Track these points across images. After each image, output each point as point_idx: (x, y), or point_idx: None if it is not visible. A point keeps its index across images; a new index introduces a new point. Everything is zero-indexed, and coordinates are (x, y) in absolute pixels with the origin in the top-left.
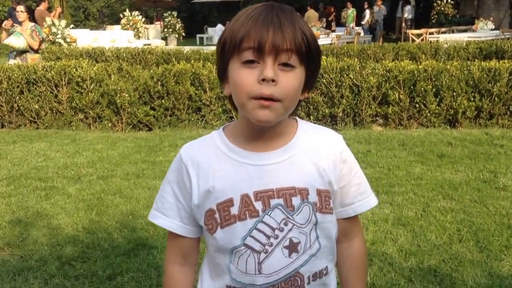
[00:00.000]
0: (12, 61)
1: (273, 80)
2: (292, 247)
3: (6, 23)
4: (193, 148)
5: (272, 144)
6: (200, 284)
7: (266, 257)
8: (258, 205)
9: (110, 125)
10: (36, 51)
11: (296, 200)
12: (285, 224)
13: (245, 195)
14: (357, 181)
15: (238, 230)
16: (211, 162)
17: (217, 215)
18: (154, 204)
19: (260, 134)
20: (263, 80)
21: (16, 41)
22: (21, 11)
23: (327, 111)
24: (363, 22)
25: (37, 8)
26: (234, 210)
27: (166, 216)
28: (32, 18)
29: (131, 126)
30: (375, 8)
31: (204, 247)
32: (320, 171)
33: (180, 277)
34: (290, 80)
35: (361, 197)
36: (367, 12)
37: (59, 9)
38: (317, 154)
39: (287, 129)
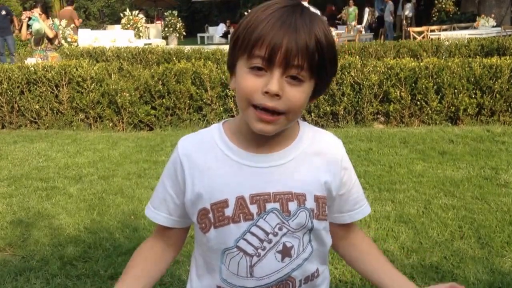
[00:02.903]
0: (30, 60)
1: (277, 95)
2: (285, 252)
3: (24, 15)
4: (190, 143)
5: (273, 145)
6: (190, 284)
7: (258, 260)
8: (253, 208)
9: (111, 125)
10: (51, 44)
11: (292, 206)
12: (280, 229)
13: (240, 198)
14: (356, 189)
15: (232, 232)
16: (208, 160)
17: (210, 215)
18: (150, 198)
19: (260, 135)
20: (267, 92)
21: (37, 24)
22: (39, 14)
23: (328, 109)
24: (363, 24)
25: (66, 8)
26: (228, 212)
27: (154, 208)
28: (47, 16)
29: (132, 125)
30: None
31: (191, 247)
32: (320, 177)
33: (148, 253)
34: (297, 94)
35: (359, 205)
36: (366, 11)
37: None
38: (317, 159)
39: (288, 131)
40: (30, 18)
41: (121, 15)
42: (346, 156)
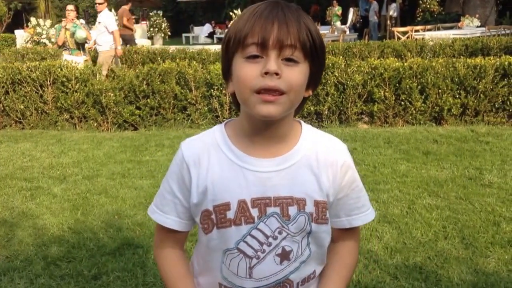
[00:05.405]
0: (70, 57)
1: (276, 74)
2: (284, 255)
3: (66, 20)
4: (195, 145)
5: (274, 148)
6: (196, 279)
7: (257, 263)
8: (255, 212)
9: (95, 124)
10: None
11: (292, 210)
12: (280, 233)
13: (242, 201)
14: (356, 194)
15: (233, 234)
16: (211, 163)
17: (213, 216)
18: (154, 199)
19: (262, 134)
20: (266, 73)
21: (83, 33)
22: (72, 10)
23: (312, 109)
24: (347, 24)
25: (122, 6)
26: (230, 215)
27: (163, 212)
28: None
29: (116, 125)
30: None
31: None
32: (320, 182)
33: (176, 257)
34: (295, 74)
35: (358, 211)
36: (351, 11)
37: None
38: (318, 164)
39: (290, 133)
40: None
41: None
42: (348, 161)
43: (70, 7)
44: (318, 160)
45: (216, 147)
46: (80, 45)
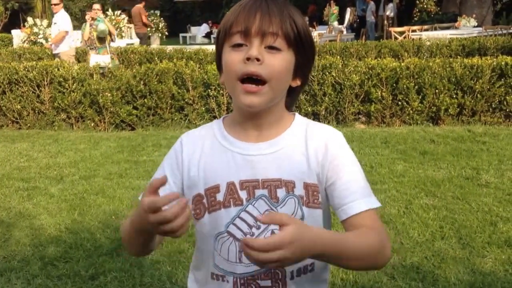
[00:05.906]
0: (97, 58)
1: (258, 59)
2: None
3: (90, 14)
4: (192, 135)
5: (265, 134)
6: (192, 274)
7: None
8: (243, 194)
9: (92, 124)
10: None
11: (281, 192)
12: None
13: (231, 183)
14: (347, 178)
15: (222, 217)
16: (204, 148)
17: (205, 200)
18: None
19: (252, 122)
20: (248, 59)
21: (102, 25)
22: (98, 9)
23: (309, 109)
24: (344, 24)
25: (137, 5)
26: (220, 197)
27: None
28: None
29: (113, 125)
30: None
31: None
32: (309, 165)
33: None
34: (277, 61)
35: (352, 198)
36: (348, 11)
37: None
38: (307, 147)
39: (281, 121)
40: (93, 19)
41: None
42: (338, 147)
43: (96, 6)
44: (308, 143)
45: (212, 136)
46: (106, 43)
